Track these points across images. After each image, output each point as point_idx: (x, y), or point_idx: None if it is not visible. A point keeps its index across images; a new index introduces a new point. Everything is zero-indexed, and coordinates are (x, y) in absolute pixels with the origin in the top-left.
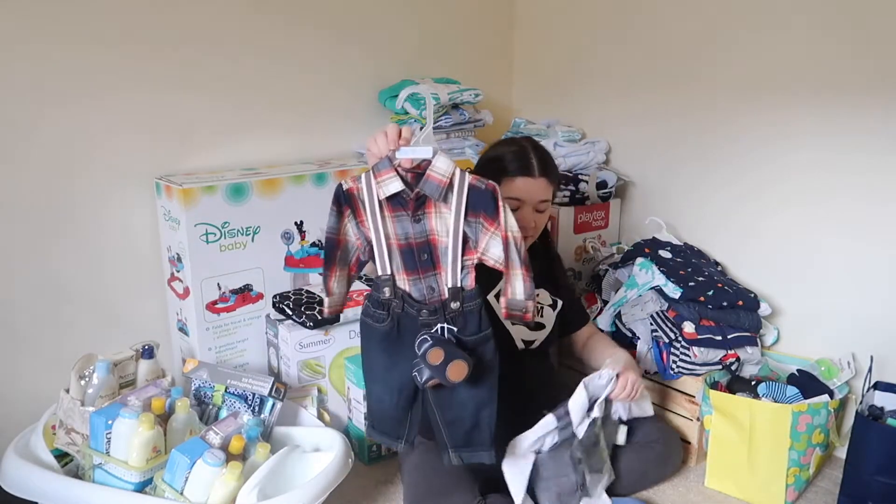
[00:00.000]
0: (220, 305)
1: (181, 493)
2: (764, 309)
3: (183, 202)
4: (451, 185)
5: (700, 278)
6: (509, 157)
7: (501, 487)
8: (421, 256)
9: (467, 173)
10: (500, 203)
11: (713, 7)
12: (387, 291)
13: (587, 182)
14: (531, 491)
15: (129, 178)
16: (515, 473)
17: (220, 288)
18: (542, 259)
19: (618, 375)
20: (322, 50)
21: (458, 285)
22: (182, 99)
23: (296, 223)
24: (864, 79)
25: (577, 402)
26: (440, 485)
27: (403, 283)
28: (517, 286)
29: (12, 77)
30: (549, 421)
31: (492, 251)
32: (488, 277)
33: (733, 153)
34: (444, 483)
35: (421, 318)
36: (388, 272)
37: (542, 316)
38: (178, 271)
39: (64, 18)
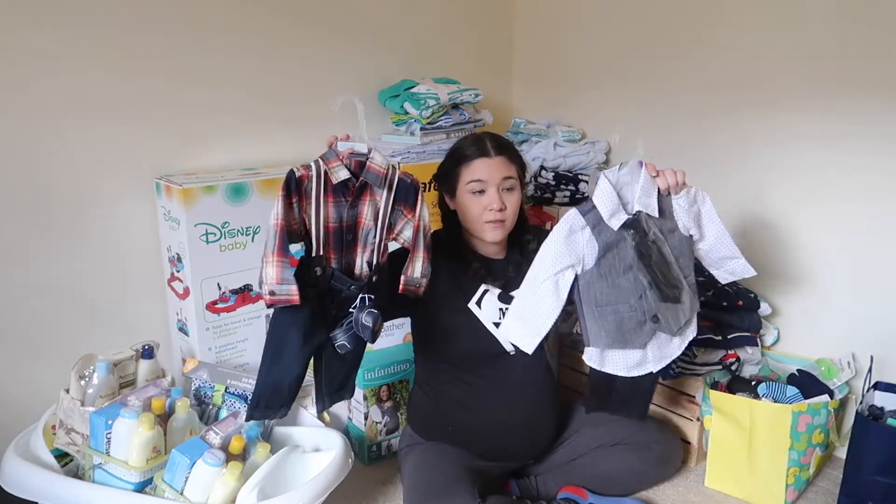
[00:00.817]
0: (220, 305)
1: (181, 493)
2: (764, 309)
3: (183, 202)
4: (386, 176)
5: (700, 278)
6: (466, 145)
7: (501, 489)
8: (347, 237)
9: (398, 169)
10: (420, 196)
11: (715, 7)
12: (318, 270)
13: (587, 182)
14: (587, 325)
15: (129, 178)
16: (525, 307)
17: (220, 288)
18: (517, 256)
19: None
20: (322, 50)
21: (378, 261)
22: (182, 99)
23: None
24: (868, 79)
25: (600, 191)
26: (440, 486)
27: (329, 260)
28: (417, 266)
29: (12, 78)
30: (570, 215)
31: (404, 234)
32: (465, 288)
33: (733, 154)
34: (445, 484)
35: (348, 291)
36: (321, 252)
37: None
38: (178, 271)
39: (64, 19)
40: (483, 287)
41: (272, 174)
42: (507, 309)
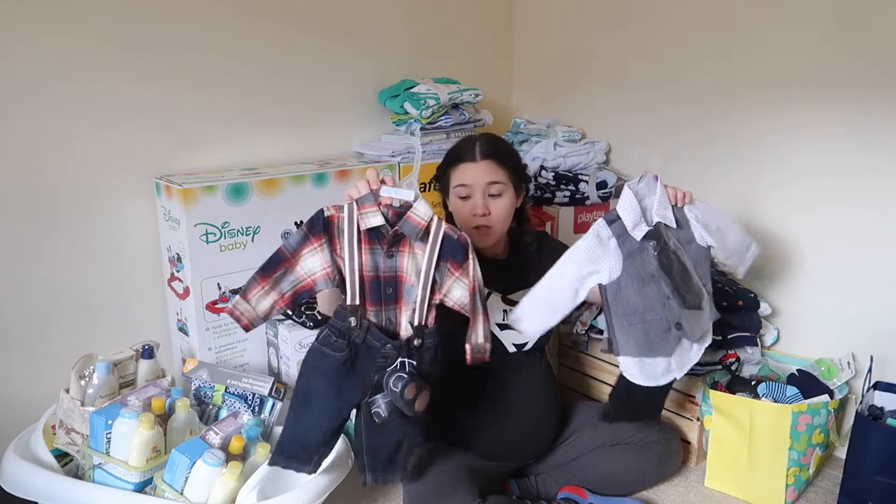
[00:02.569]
0: (220, 305)
1: (181, 493)
2: (764, 309)
3: (183, 202)
4: (427, 229)
5: None
6: (458, 148)
7: (501, 489)
8: (386, 290)
9: (443, 222)
10: (471, 254)
11: (714, 7)
12: (353, 321)
13: (587, 182)
14: (616, 335)
15: (129, 178)
16: (540, 308)
17: (220, 288)
18: (520, 257)
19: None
20: (322, 50)
21: (423, 323)
22: (182, 99)
23: (296, 223)
24: (866, 82)
25: (624, 201)
26: (440, 487)
27: (365, 312)
28: (480, 331)
29: (13, 78)
30: (598, 224)
31: (453, 293)
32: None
33: (734, 153)
34: (445, 485)
35: (385, 350)
36: (357, 301)
37: None
38: (178, 271)
39: (64, 19)
40: (487, 289)
41: (272, 174)
42: (509, 310)
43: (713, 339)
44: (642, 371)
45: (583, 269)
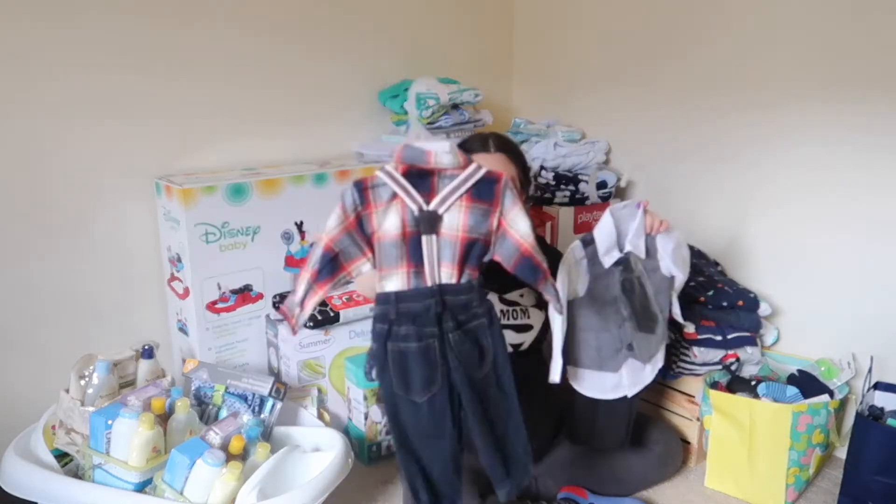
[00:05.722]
0: (220, 305)
1: (181, 493)
2: (764, 309)
3: (183, 202)
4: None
5: (700, 278)
6: (471, 140)
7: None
8: None
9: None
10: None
11: (712, 7)
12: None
13: (587, 182)
14: (570, 347)
15: (129, 178)
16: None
17: (220, 288)
18: None
19: (644, 209)
20: (322, 50)
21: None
22: (182, 99)
23: (296, 223)
24: (864, 77)
25: (602, 227)
26: None
27: None
28: None
29: (13, 79)
30: (574, 245)
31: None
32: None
33: (733, 153)
34: None
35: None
36: None
37: (528, 317)
38: (178, 271)
39: (64, 20)
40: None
41: (272, 174)
42: (507, 310)
43: (713, 338)
44: (591, 383)
45: (565, 293)
